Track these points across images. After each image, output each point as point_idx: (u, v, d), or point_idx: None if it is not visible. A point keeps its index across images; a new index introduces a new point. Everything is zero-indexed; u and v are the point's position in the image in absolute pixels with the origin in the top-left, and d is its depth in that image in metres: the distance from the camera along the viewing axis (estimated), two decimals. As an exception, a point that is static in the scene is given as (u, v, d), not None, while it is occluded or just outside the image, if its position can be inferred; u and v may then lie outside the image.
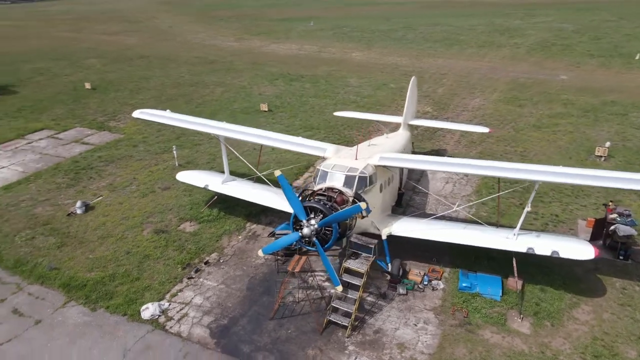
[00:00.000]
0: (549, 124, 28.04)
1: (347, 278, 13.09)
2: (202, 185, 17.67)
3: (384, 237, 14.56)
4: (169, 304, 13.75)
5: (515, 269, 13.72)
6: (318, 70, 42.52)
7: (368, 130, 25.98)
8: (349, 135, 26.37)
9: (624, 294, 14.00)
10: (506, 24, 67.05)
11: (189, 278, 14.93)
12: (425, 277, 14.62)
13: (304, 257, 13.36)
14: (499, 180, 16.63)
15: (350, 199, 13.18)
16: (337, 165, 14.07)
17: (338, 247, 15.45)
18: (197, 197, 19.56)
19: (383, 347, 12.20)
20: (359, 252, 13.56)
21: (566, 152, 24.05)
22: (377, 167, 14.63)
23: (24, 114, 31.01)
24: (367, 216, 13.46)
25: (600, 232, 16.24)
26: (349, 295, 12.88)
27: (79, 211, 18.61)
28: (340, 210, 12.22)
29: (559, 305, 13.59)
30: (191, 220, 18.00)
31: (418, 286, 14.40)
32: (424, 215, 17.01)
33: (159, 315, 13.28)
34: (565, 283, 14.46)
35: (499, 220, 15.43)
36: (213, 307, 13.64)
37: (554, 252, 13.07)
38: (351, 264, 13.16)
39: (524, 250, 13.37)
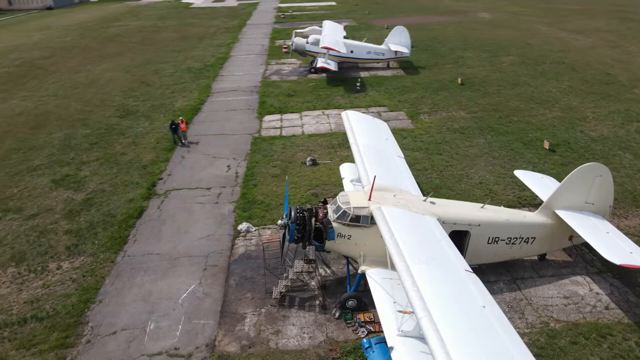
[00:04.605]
0: None
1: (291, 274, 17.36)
2: None
3: (359, 271, 17.05)
4: (254, 230, 22.09)
5: None
6: None
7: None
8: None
9: None
10: None
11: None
12: (358, 319, 16.34)
13: (275, 237, 18.36)
14: None
15: (326, 220, 16.89)
16: (345, 195, 17.39)
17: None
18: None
19: (271, 324, 16.54)
20: (313, 262, 17.19)
21: None
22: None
23: (392, 93, 41.71)
24: (328, 239, 16.80)
25: None
26: (284, 282, 17.32)
27: (308, 163, 28.33)
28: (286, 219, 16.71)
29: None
30: (335, 198, 24.34)
31: (352, 320, 16.47)
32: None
33: (243, 231, 21.95)
34: None
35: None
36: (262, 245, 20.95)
37: (392, 365, 12.60)
38: (296, 264, 17.24)
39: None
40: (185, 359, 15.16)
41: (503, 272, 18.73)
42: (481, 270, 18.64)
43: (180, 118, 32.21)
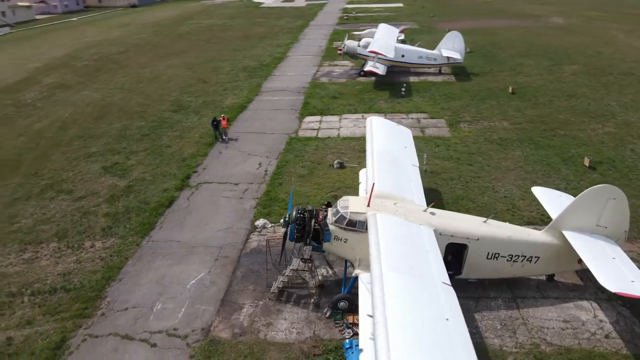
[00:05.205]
0: None
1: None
2: None
3: (353, 274, 17.60)
4: (270, 226, 23.18)
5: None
6: None
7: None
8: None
9: None
10: None
11: (295, 224, 23.28)
12: (346, 320, 16.90)
13: (278, 234, 19.22)
14: None
15: (324, 222, 17.62)
16: (346, 200, 17.97)
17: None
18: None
19: (265, 316, 17.48)
20: (310, 261, 17.96)
21: None
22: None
23: (436, 99, 41.14)
24: (325, 241, 17.49)
25: None
26: (281, 278, 18.23)
27: (335, 166, 29.00)
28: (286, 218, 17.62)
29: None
30: (353, 202, 24.84)
31: (341, 321, 17.08)
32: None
33: (259, 227, 23.10)
34: None
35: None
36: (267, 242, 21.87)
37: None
38: (294, 261, 18.05)
39: None
40: (181, 340, 16.51)
41: (505, 289, 18.41)
42: (483, 286, 18.59)
43: (222, 115, 34.11)
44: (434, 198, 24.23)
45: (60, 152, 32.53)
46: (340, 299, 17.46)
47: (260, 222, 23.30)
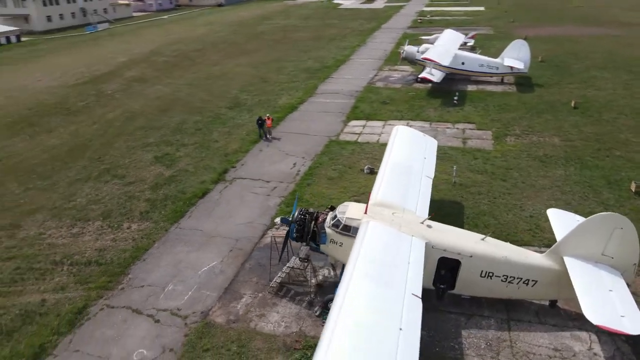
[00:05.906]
0: None
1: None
2: None
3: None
4: (287, 224, 24.31)
5: None
6: None
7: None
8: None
9: None
10: None
11: (312, 224, 24.24)
12: (332, 321, 17.61)
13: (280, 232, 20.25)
14: None
15: (321, 225, 18.52)
16: (346, 206, 18.67)
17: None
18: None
19: (260, 307, 18.67)
20: (307, 261, 18.87)
21: None
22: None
23: (489, 110, 39.84)
24: (321, 243, 18.35)
25: None
26: (279, 275, 19.32)
27: (365, 171, 29.52)
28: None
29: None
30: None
31: (327, 321, 17.87)
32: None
33: (278, 223, 24.31)
34: None
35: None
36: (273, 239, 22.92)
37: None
38: (292, 260, 19.03)
39: None
40: (182, 319, 18.19)
41: (501, 310, 18.08)
42: (479, 303, 18.44)
43: (267, 115, 35.83)
44: (456, 211, 24.26)
45: (122, 141, 36.06)
46: (330, 299, 18.00)
47: (279, 219, 24.47)
